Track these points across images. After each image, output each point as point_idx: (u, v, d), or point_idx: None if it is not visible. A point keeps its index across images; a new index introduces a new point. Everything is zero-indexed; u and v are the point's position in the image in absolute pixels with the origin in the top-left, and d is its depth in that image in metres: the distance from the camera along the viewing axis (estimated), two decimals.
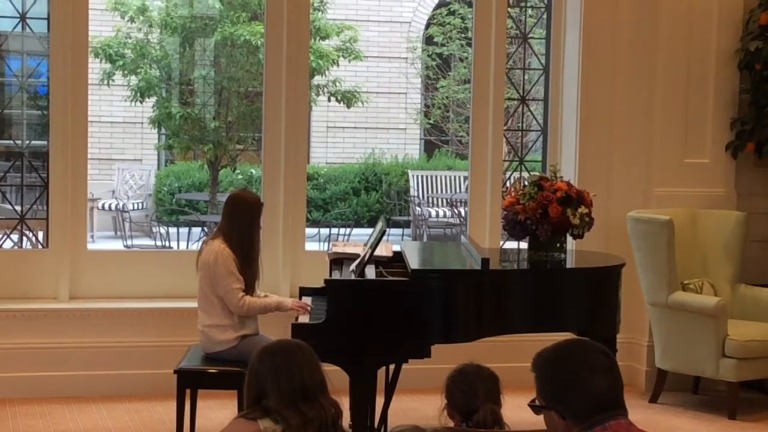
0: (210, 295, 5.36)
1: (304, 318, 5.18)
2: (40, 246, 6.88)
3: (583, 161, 7.00)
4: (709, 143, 6.97)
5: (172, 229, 12.60)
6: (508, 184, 7.16)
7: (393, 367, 5.56)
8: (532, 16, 7.92)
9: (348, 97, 13.97)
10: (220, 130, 13.42)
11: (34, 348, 6.32)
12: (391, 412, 5.59)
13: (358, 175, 15.17)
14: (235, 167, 14.60)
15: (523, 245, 6.03)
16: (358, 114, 15.36)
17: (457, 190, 14.63)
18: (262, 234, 5.74)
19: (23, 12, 6.65)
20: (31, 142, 7.15)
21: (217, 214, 11.40)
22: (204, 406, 5.71)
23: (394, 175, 15.15)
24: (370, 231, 6.21)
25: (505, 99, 7.34)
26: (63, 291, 6.47)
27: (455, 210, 13.71)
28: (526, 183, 6.27)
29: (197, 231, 12.26)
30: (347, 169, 15.31)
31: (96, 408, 6.17)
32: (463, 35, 15.05)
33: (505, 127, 7.40)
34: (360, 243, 5.79)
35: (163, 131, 14.26)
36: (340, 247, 5.89)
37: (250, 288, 5.39)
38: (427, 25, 16.18)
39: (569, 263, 5.78)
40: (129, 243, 12.07)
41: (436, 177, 15.05)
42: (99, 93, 13.68)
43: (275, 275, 6.57)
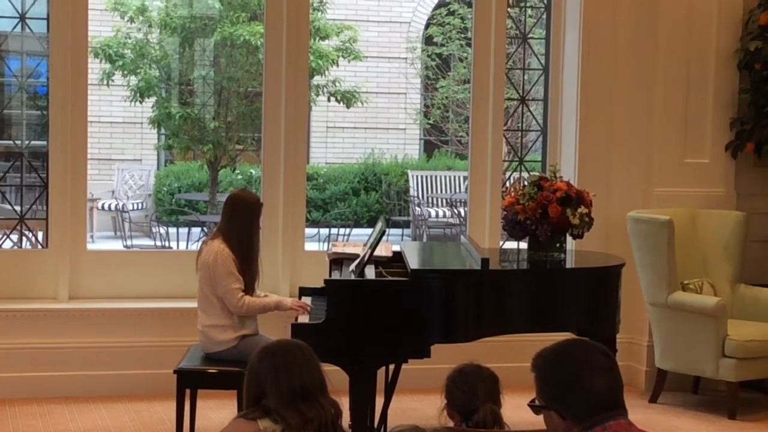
0: (210, 295, 5.36)
1: (304, 318, 5.18)
2: (39, 246, 6.88)
3: (583, 161, 6.99)
4: (708, 143, 6.97)
5: (172, 230, 12.59)
6: (507, 184, 7.16)
7: (393, 367, 5.55)
8: (532, 16, 7.92)
9: (348, 97, 13.97)
10: (219, 131, 13.42)
11: (33, 348, 6.32)
12: (390, 412, 5.59)
13: (358, 176, 15.16)
14: (234, 167, 14.60)
15: (523, 245, 6.03)
16: (357, 114, 15.35)
17: (457, 190, 14.62)
18: (261, 234, 5.73)
19: (23, 12, 6.64)
20: (30, 143, 7.16)
21: (216, 214, 11.39)
22: (204, 406, 5.71)
23: (393, 175, 15.15)
24: (369, 231, 6.20)
25: (505, 99, 7.34)
26: (63, 291, 6.47)
27: (455, 210, 13.71)
28: (525, 183, 6.27)
29: (197, 231, 12.26)
30: (347, 169, 15.30)
31: (96, 408, 6.17)
32: (462, 35, 15.04)
33: (505, 127, 7.39)
34: (360, 243, 5.78)
35: (162, 131, 14.25)
36: (339, 247, 5.88)
37: (249, 288, 5.38)
38: (427, 25, 16.17)
39: (569, 263, 5.78)
40: (129, 243, 12.06)
41: (436, 177, 15.04)
42: (99, 93, 13.67)
43: (275, 275, 6.57)
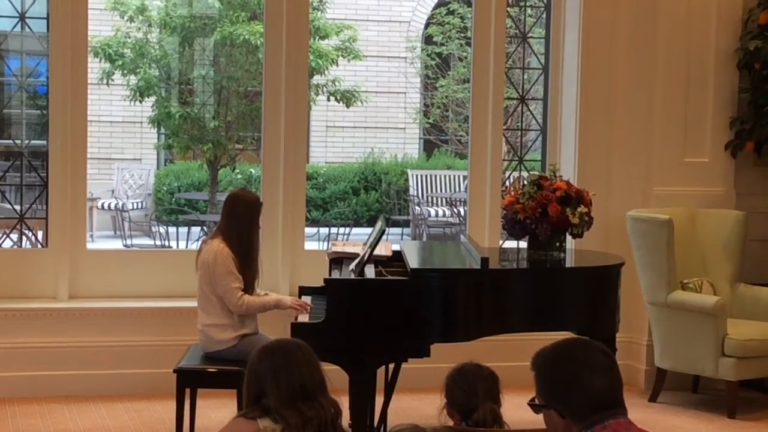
0: (209, 294, 5.35)
1: (304, 317, 5.18)
2: (39, 245, 6.89)
3: (583, 160, 7.00)
4: (708, 142, 6.97)
5: (172, 229, 12.59)
6: (507, 184, 7.16)
7: (392, 366, 5.55)
8: (532, 16, 7.92)
9: (347, 97, 13.96)
10: (219, 130, 13.42)
11: (33, 347, 6.32)
12: (390, 412, 5.59)
13: (358, 175, 15.16)
14: (234, 167, 14.60)
15: (523, 244, 6.03)
16: (357, 113, 15.36)
17: (457, 190, 14.62)
18: (261, 233, 5.74)
19: (22, 11, 6.64)
20: (30, 142, 7.16)
21: (216, 213, 11.39)
22: (203, 406, 5.71)
23: (393, 174, 15.14)
24: (369, 230, 6.20)
25: (505, 98, 7.34)
26: (62, 290, 6.47)
27: (455, 209, 13.71)
28: (525, 182, 6.27)
29: (197, 230, 12.26)
30: (346, 169, 15.30)
31: (95, 407, 6.17)
32: (462, 35, 15.05)
33: (505, 127, 7.40)
34: (359, 242, 5.78)
35: (162, 131, 14.25)
36: (339, 247, 5.88)
37: (249, 287, 5.38)
38: (427, 25, 16.18)
39: (569, 262, 5.78)
40: (128, 242, 12.06)
41: (436, 176, 15.04)
42: (98, 92, 13.68)
43: (275, 274, 6.57)
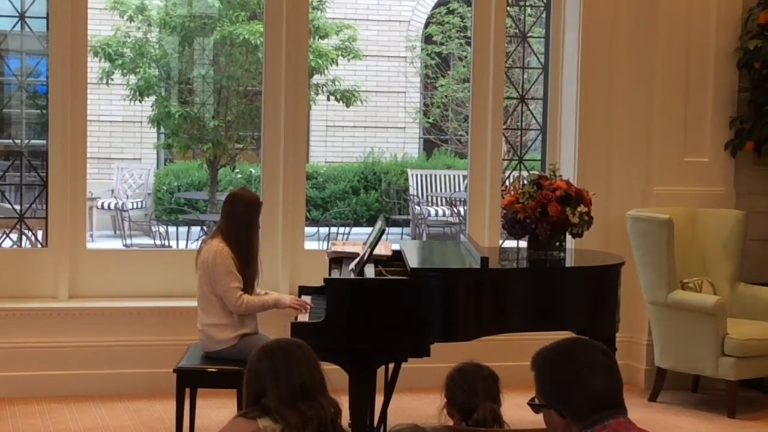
0: (209, 294, 5.35)
1: (304, 317, 5.18)
2: (39, 245, 6.89)
3: (583, 160, 6.99)
4: (708, 142, 6.97)
5: (172, 228, 12.59)
6: (507, 183, 7.16)
7: (392, 365, 5.55)
8: (532, 15, 7.91)
9: (347, 96, 13.97)
10: (219, 129, 13.42)
11: (33, 347, 6.32)
12: (390, 411, 5.59)
13: (358, 174, 15.16)
14: (234, 166, 14.60)
15: (523, 244, 6.02)
16: (357, 113, 15.36)
17: (457, 189, 14.62)
18: (261, 233, 5.73)
19: (22, 11, 6.64)
20: (30, 141, 7.15)
21: (216, 213, 11.39)
22: (203, 405, 5.70)
23: (393, 174, 15.15)
24: (369, 230, 6.20)
25: (505, 98, 7.34)
26: (62, 290, 6.47)
27: (454, 209, 13.71)
28: (525, 182, 6.27)
29: (196, 230, 12.26)
30: (346, 168, 15.30)
31: (95, 407, 6.17)
32: (462, 34, 15.05)
33: (505, 126, 7.39)
34: (359, 242, 5.78)
35: (162, 130, 14.26)
36: (339, 246, 5.88)
37: (249, 287, 5.38)
38: (426, 24, 16.18)
39: (568, 262, 5.78)
40: (128, 242, 12.05)
41: (436, 176, 15.04)
42: (98, 92, 13.68)
43: (274, 274, 6.57)
